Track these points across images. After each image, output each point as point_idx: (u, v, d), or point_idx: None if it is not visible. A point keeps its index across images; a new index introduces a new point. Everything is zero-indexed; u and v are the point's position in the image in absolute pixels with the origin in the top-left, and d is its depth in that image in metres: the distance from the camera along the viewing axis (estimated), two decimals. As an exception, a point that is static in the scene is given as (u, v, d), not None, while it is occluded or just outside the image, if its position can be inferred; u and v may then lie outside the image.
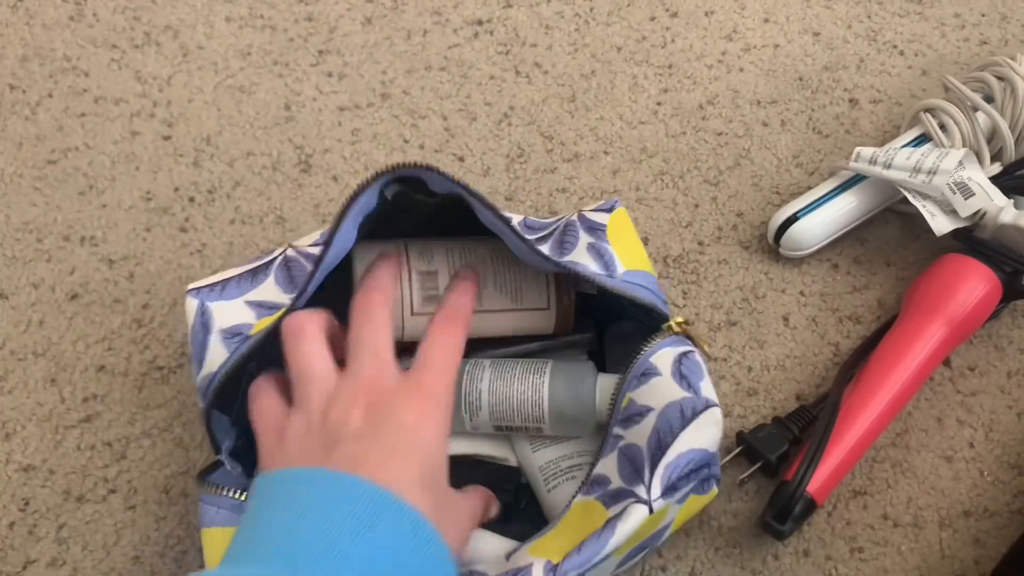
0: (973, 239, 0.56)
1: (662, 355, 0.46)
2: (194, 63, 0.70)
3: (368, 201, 0.44)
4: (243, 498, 0.43)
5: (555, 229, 0.50)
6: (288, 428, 0.40)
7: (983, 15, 0.72)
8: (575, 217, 0.51)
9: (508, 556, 0.43)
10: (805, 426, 0.54)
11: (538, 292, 0.49)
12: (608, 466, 0.44)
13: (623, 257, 0.49)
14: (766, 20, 0.72)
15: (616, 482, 0.44)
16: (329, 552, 0.33)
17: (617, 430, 0.45)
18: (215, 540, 0.43)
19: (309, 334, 0.41)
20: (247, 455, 0.47)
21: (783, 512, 0.49)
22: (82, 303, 0.60)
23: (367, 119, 0.67)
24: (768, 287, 0.60)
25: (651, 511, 0.43)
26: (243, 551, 0.35)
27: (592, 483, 0.44)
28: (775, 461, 0.52)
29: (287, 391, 0.42)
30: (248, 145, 0.66)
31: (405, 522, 0.36)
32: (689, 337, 0.47)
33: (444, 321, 0.44)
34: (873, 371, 0.54)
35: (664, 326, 0.46)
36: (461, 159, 0.66)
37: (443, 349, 0.43)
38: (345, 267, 0.46)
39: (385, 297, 0.43)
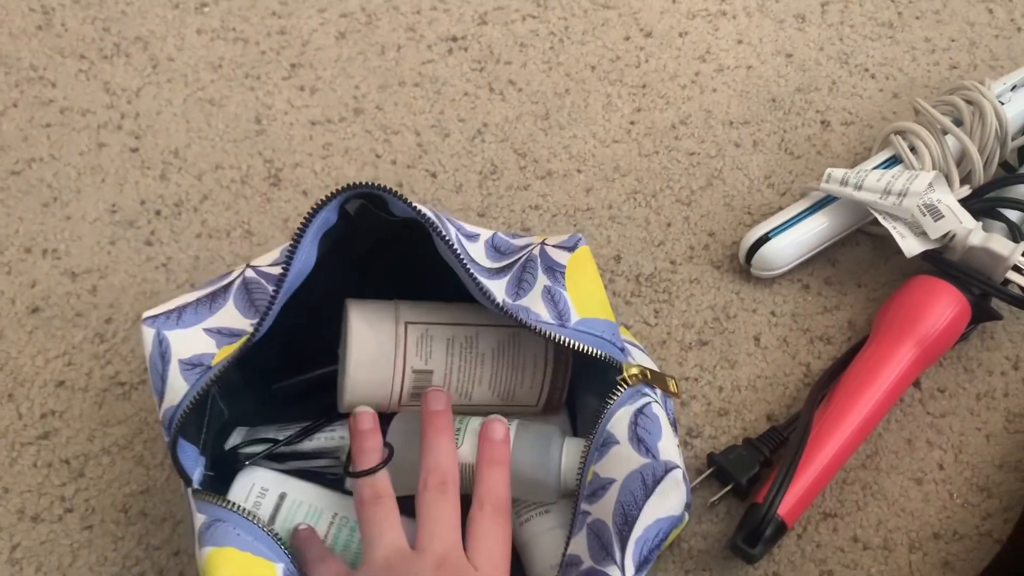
0: (943, 261, 0.56)
1: (618, 418, 0.44)
2: (164, 75, 0.69)
3: (328, 217, 0.43)
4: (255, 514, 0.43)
5: (517, 261, 0.49)
6: None
7: (953, 40, 0.73)
8: (537, 251, 0.49)
9: None
10: (776, 447, 0.53)
11: (531, 393, 0.49)
12: (579, 545, 0.43)
13: (578, 304, 0.47)
14: (739, 41, 0.72)
15: (587, 562, 0.43)
16: None
17: (584, 506, 0.44)
18: (232, 563, 0.41)
19: (385, 503, 0.43)
20: (217, 486, 0.46)
21: (753, 535, 0.49)
22: (43, 317, 0.58)
23: (339, 134, 0.67)
24: (739, 307, 0.60)
25: None
26: None
27: (567, 565, 0.43)
28: (746, 483, 0.52)
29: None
30: (217, 158, 0.65)
31: None
32: (649, 382, 0.46)
33: (494, 512, 0.44)
34: (844, 392, 0.54)
35: (619, 378, 0.45)
36: (434, 175, 0.65)
37: (497, 542, 0.43)
38: (306, 286, 0.45)
39: (454, 479, 0.44)
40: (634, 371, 0.45)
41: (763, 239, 0.59)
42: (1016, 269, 0.55)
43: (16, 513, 0.52)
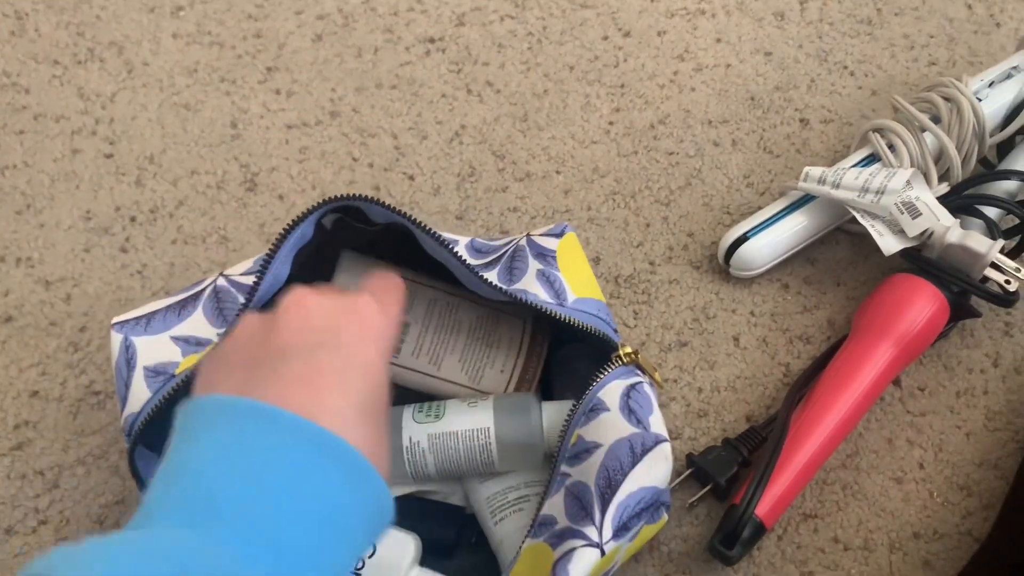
0: (921, 259, 0.56)
1: (610, 389, 0.45)
2: (139, 80, 0.68)
3: (304, 232, 0.43)
4: None
5: (504, 254, 0.49)
6: (215, 353, 0.35)
7: (931, 36, 0.72)
8: (523, 241, 0.50)
9: None
10: (755, 448, 0.53)
11: (500, 377, 0.49)
12: (555, 506, 0.43)
13: (573, 284, 0.48)
14: (718, 40, 0.72)
15: (562, 522, 0.43)
16: (250, 504, 0.28)
17: (564, 468, 0.44)
18: None
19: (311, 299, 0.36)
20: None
21: (731, 536, 0.48)
22: (16, 326, 0.58)
23: (315, 137, 0.66)
24: (719, 307, 0.60)
25: (603, 554, 0.42)
26: (159, 497, 0.29)
27: (540, 524, 0.43)
28: (724, 484, 0.52)
29: None
30: (192, 164, 0.65)
31: (340, 461, 0.30)
32: (639, 366, 0.46)
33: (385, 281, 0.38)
34: (823, 392, 0.53)
35: (614, 355, 0.45)
36: (411, 178, 0.65)
37: (387, 290, 0.37)
38: (273, 302, 0.45)
39: (398, 300, 0.38)
40: (628, 351, 0.45)
41: (741, 239, 0.59)
42: (994, 266, 0.55)
43: (-11, 525, 0.51)
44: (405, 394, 0.49)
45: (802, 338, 0.59)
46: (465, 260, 0.43)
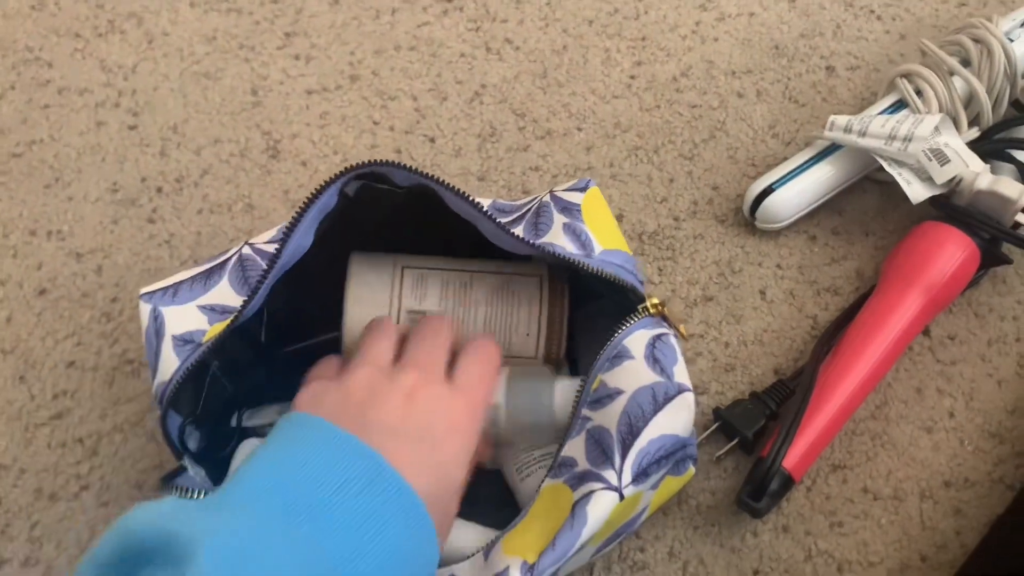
0: (950, 206, 0.55)
1: (636, 337, 0.45)
2: (159, 50, 0.69)
3: (327, 202, 0.43)
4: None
5: (528, 211, 0.49)
6: (330, 389, 0.40)
7: (962, -24, 0.70)
8: (547, 198, 0.50)
9: (486, 555, 0.43)
10: (782, 400, 0.53)
11: (527, 341, 0.49)
12: (575, 448, 0.44)
13: (599, 237, 0.48)
14: (741, -12, 0.71)
15: (583, 464, 0.43)
16: (329, 514, 0.33)
17: (586, 411, 0.44)
18: None
19: (387, 332, 0.43)
20: (210, 458, 0.47)
21: (759, 489, 0.49)
22: (50, 298, 0.59)
23: (335, 102, 0.66)
24: (744, 261, 0.59)
25: (621, 498, 0.42)
26: (266, 483, 0.35)
27: (560, 466, 0.44)
28: (752, 437, 0.52)
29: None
30: (215, 132, 0.65)
31: (412, 509, 0.36)
32: (665, 319, 0.46)
33: (482, 341, 0.45)
34: (851, 343, 0.53)
35: (640, 307, 0.45)
36: (432, 140, 0.65)
37: (480, 362, 0.44)
38: (300, 266, 0.45)
39: (448, 332, 0.44)
40: (655, 302, 0.45)
41: (767, 191, 0.58)
42: (1026, 211, 0.54)
43: (33, 492, 0.53)
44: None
45: (830, 290, 0.58)
46: (491, 215, 0.43)
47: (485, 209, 0.43)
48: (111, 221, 0.62)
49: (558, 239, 0.46)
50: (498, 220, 0.43)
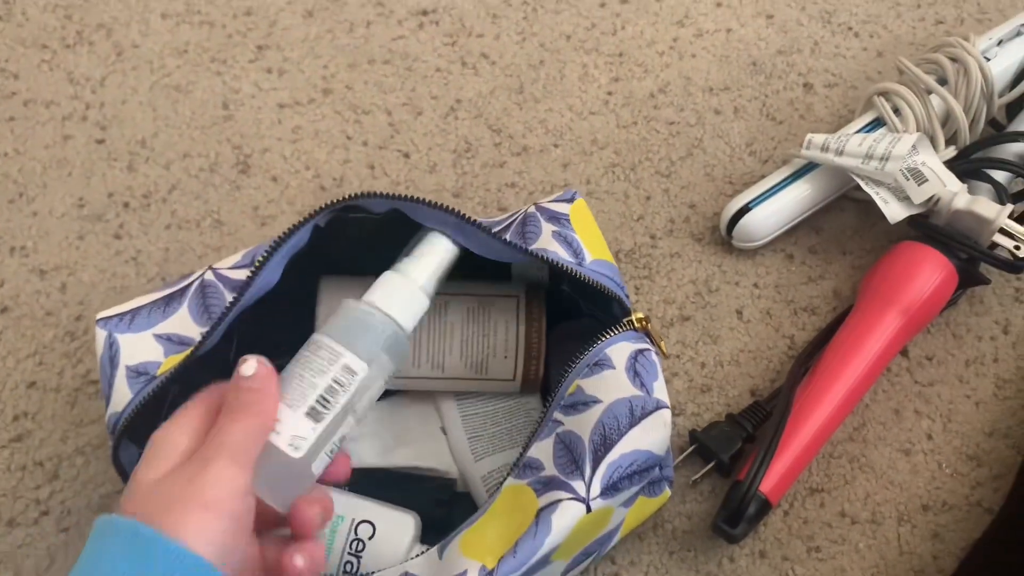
0: (928, 226, 0.55)
1: (618, 348, 0.44)
2: (128, 62, 0.67)
3: (300, 238, 0.42)
4: None
5: (513, 221, 0.49)
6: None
7: (939, -6, 0.70)
8: (532, 209, 0.49)
9: (440, 552, 0.42)
10: (759, 423, 0.52)
11: (505, 364, 0.48)
12: (543, 451, 0.43)
13: (588, 247, 0.47)
14: (718, 4, 0.70)
15: (550, 469, 0.42)
16: None
17: (558, 415, 0.44)
18: None
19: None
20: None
21: (736, 514, 0.48)
22: (12, 316, 0.57)
23: (308, 116, 0.65)
24: (721, 280, 0.59)
25: (588, 510, 0.41)
26: None
27: (524, 466, 0.43)
28: (728, 460, 0.51)
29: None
30: (185, 146, 0.64)
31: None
32: (648, 335, 0.45)
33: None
34: (828, 364, 0.52)
35: (625, 320, 0.44)
36: (407, 155, 0.64)
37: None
38: (263, 299, 0.44)
39: (263, 422, 0.37)
40: (640, 316, 0.45)
41: (744, 209, 0.58)
42: (1003, 232, 0.53)
43: (-9, 518, 0.51)
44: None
45: (807, 309, 0.58)
46: (479, 222, 0.42)
47: (473, 219, 0.42)
48: (77, 237, 0.60)
49: (550, 246, 0.46)
50: (486, 226, 0.42)
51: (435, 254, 0.43)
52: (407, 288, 0.41)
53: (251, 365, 0.37)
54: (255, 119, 0.65)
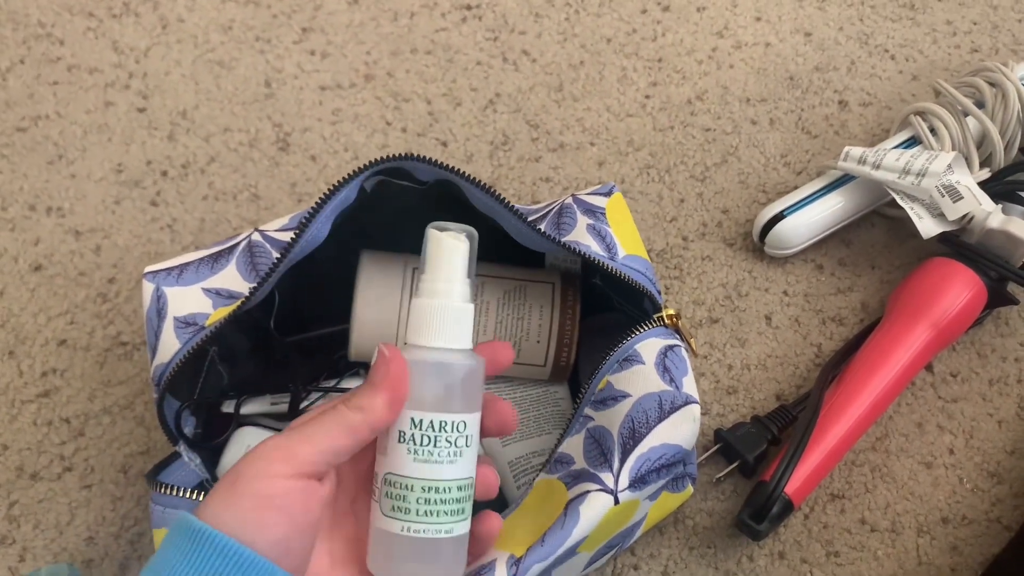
0: (960, 243, 0.56)
1: (648, 344, 0.44)
2: (173, 35, 0.68)
3: (348, 195, 0.43)
4: (195, 496, 0.40)
5: (550, 211, 0.49)
6: None
7: (975, 23, 0.71)
8: (569, 200, 0.49)
9: None
10: (784, 426, 0.53)
11: (537, 348, 0.48)
12: (574, 446, 0.43)
13: (623, 241, 0.47)
14: (758, 18, 0.71)
15: (580, 463, 0.43)
16: None
17: (588, 410, 0.44)
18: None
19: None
20: (206, 445, 0.46)
21: (760, 512, 0.48)
22: (46, 274, 0.58)
23: (349, 100, 0.66)
24: (751, 285, 0.59)
25: (616, 502, 0.41)
26: None
27: (556, 462, 0.43)
28: (753, 461, 0.51)
29: None
30: (225, 121, 0.64)
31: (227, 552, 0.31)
32: (679, 332, 0.46)
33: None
34: (855, 373, 0.53)
35: (656, 316, 0.45)
36: (444, 144, 0.64)
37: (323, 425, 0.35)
38: (306, 258, 0.44)
39: (357, 422, 0.35)
40: (671, 313, 0.45)
41: (778, 217, 0.58)
42: (1035, 253, 0.54)
43: (15, 470, 0.51)
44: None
45: (835, 319, 0.58)
46: (517, 210, 0.42)
47: (512, 205, 0.42)
48: (113, 201, 0.61)
49: (583, 239, 0.46)
50: (523, 214, 0.42)
51: (454, 259, 0.38)
52: (447, 312, 0.37)
53: (383, 353, 0.35)
54: (296, 99, 0.65)
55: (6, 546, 0.49)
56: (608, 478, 0.42)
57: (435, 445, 0.35)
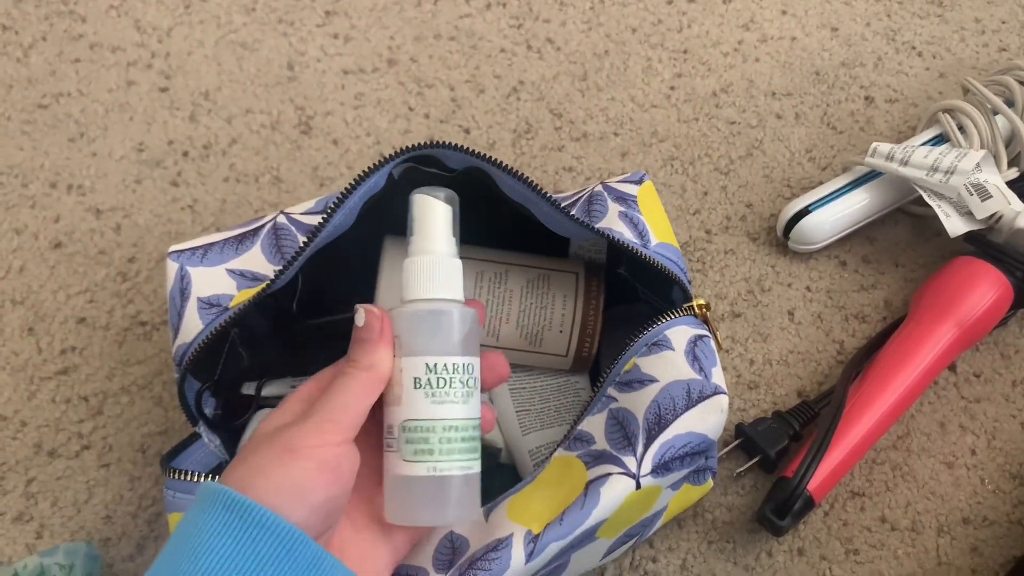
0: (987, 243, 0.55)
1: (678, 331, 0.44)
2: (196, 16, 0.68)
3: (377, 182, 0.42)
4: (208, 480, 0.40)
5: (580, 198, 0.49)
6: None
7: (1003, 22, 0.71)
8: (599, 187, 0.49)
9: (487, 515, 0.42)
10: (806, 422, 0.52)
11: (559, 339, 0.48)
12: (595, 425, 0.43)
13: (654, 229, 0.47)
14: (784, 12, 0.71)
15: (601, 443, 0.42)
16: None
17: (612, 391, 0.43)
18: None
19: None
20: (225, 427, 0.45)
21: (783, 507, 0.48)
22: (65, 252, 0.57)
23: (372, 84, 0.65)
24: (774, 280, 0.59)
25: (638, 486, 0.41)
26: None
27: (575, 439, 0.43)
28: (774, 456, 0.51)
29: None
30: (247, 103, 0.64)
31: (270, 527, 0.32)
32: (707, 323, 0.45)
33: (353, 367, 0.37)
34: (879, 371, 0.52)
35: (686, 305, 0.44)
36: (467, 131, 0.64)
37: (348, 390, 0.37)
38: (342, 244, 0.44)
39: (372, 379, 0.37)
40: (701, 303, 0.45)
41: (803, 212, 0.58)
42: (1063, 254, 0.53)
43: (33, 447, 0.51)
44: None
45: (858, 316, 0.58)
46: (549, 195, 0.42)
47: (545, 192, 0.42)
48: (134, 180, 0.60)
49: (615, 226, 0.46)
50: (556, 201, 0.42)
51: (438, 218, 0.39)
52: (441, 266, 0.39)
53: (360, 315, 0.37)
54: (319, 82, 0.65)
55: (23, 523, 0.49)
56: (631, 462, 0.41)
57: (450, 386, 0.37)
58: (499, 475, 0.49)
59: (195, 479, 0.40)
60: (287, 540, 0.31)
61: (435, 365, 0.37)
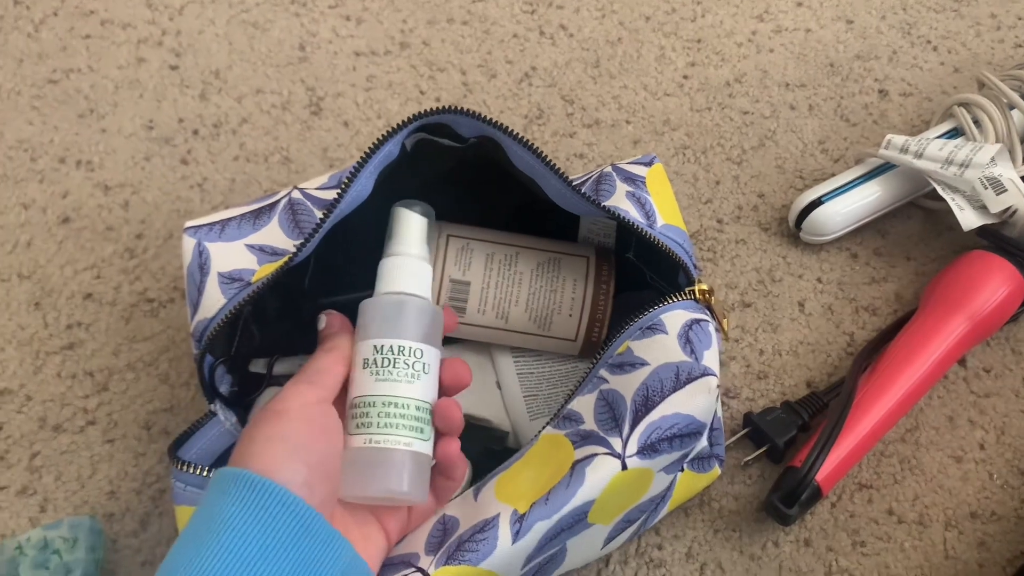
0: (1001, 237, 0.55)
1: (674, 315, 0.44)
2: (208, -6, 0.67)
3: (391, 151, 0.42)
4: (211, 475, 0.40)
5: (589, 178, 0.48)
6: None
7: (1019, 18, 0.70)
8: (609, 168, 0.49)
9: (476, 494, 0.42)
10: (815, 413, 0.52)
11: (569, 323, 0.48)
12: (583, 405, 0.43)
13: (661, 210, 0.47)
14: (799, 4, 0.70)
15: (589, 424, 0.42)
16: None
17: (603, 372, 0.43)
18: (186, 518, 0.41)
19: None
20: (239, 403, 0.45)
21: (790, 497, 0.47)
22: (73, 227, 0.57)
23: (383, 67, 0.65)
24: (785, 271, 0.58)
25: (624, 467, 0.41)
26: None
27: (564, 418, 0.43)
28: (782, 446, 0.51)
29: None
30: (258, 82, 0.64)
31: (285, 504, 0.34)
32: (710, 308, 0.45)
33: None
34: (889, 363, 0.52)
35: (687, 289, 0.44)
36: (478, 116, 0.64)
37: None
38: (355, 218, 0.44)
39: (338, 354, 0.41)
40: (704, 288, 0.44)
41: (816, 203, 0.58)
42: (1077, 250, 0.53)
43: (38, 421, 0.51)
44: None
45: (868, 309, 0.57)
46: (559, 169, 0.41)
47: (554, 164, 0.41)
48: (143, 157, 0.60)
49: (622, 204, 0.45)
50: (565, 175, 0.42)
51: (412, 227, 0.43)
52: (407, 264, 0.42)
53: (322, 320, 0.42)
54: (330, 64, 0.65)
55: (27, 496, 0.48)
56: (617, 443, 0.41)
57: (393, 366, 0.39)
58: (506, 459, 0.49)
59: (205, 473, 0.40)
60: (304, 518, 0.33)
61: (381, 346, 0.40)
